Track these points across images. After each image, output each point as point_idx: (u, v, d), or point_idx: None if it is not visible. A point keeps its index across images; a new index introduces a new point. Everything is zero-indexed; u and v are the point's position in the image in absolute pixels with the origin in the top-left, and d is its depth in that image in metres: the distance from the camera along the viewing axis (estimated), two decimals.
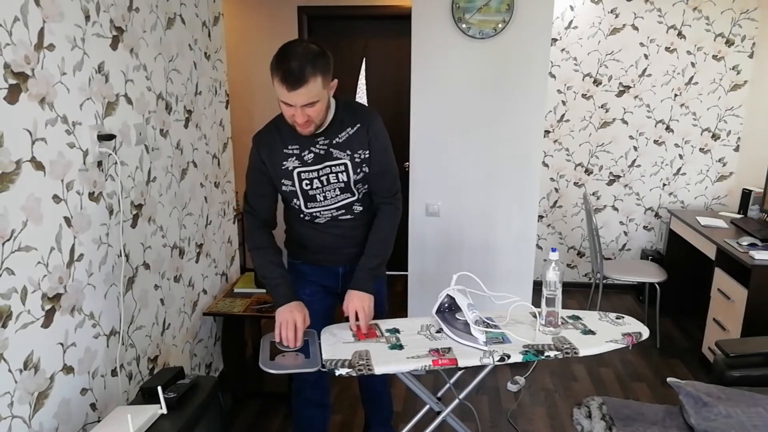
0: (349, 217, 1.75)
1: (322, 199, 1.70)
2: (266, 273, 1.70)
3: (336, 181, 1.68)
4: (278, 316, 1.64)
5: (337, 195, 1.70)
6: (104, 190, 1.72)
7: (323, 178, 1.67)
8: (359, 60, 3.93)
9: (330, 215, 1.73)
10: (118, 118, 1.79)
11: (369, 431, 2.17)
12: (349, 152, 1.66)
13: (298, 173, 1.66)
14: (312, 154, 1.65)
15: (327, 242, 1.79)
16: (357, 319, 1.67)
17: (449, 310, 1.66)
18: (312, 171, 1.66)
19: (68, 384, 1.57)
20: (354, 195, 1.73)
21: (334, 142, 1.65)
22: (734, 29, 3.59)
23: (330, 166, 1.66)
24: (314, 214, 1.73)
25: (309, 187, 1.68)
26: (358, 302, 1.66)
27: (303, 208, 1.72)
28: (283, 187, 1.70)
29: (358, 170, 1.69)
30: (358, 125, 1.67)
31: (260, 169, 1.70)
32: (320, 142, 1.65)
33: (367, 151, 1.68)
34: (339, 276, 1.86)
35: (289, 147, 1.66)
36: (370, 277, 1.70)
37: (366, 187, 1.75)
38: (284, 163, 1.66)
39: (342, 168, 1.67)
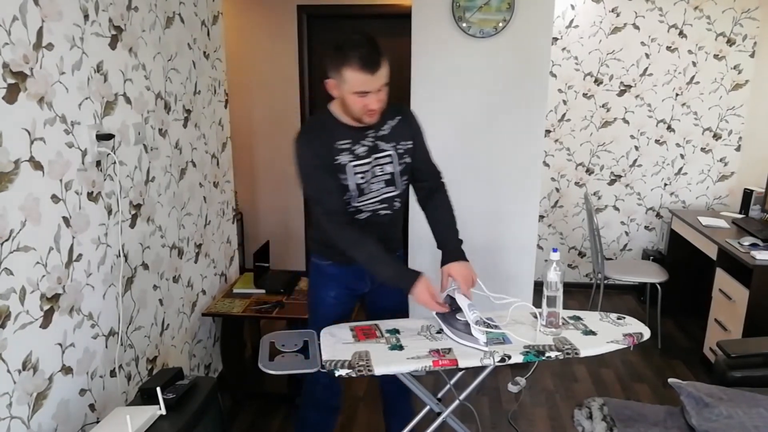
0: (388, 212, 1.77)
1: (368, 192, 1.72)
2: (383, 258, 1.63)
3: (382, 173, 1.71)
4: (419, 299, 1.61)
5: (381, 188, 1.72)
6: (103, 190, 1.72)
7: (374, 169, 1.70)
8: None
9: (372, 209, 1.74)
10: (116, 117, 1.79)
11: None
12: (393, 143, 1.71)
13: (353, 167, 1.66)
14: (364, 147, 1.67)
15: None
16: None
17: (450, 311, 1.65)
18: (364, 164, 1.67)
19: (67, 384, 1.57)
20: (396, 189, 1.75)
21: (379, 134, 1.69)
22: (735, 28, 3.58)
23: (378, 158, 1.69)
24: (360, 208, 1.72)
25: (363, 180, 1.69)
26: (464, 270, 1.69)
27: (352, 202, 1.70)
28: (339, 182, 1.68)
29: (401, 161, 1.73)
30: (399, 117, 1.73)
31: (320, 166, 1.63)
32: (369, 135, 1.68)
33: (410, 142, 1.74)
34: (367, 275, 1.84)
35: (340, 142, 1.64)
36: (459, 245, 1.76)
37: (406, 179, 1.78)
38: (337, 157, 1.65)
39: (388, 159, 1.71)
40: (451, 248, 1.75)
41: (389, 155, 1.70)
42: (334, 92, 1.60)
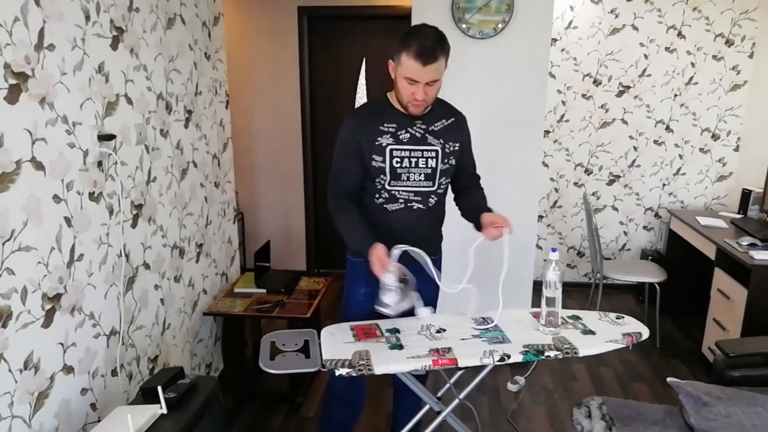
0: (421, 206, 1.80)
1: (405, 179, 1.76)
2: (354, 226, 1.71)
3: (424, 166, 1.75)
4: (373, 253, 1.63)
5: (420, 180, 1.77)
6: (104, 190, 1.72)
7: (413, 160, 1.74)
8: (359, 60, 3.93)
9: (406, 198, 1.78)
10: (118, 118, 1.79)
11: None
12: (441, 141, 1.76)
13: (391, 150, 1.72)
14: (408, 135, 1.73)
15: (392, 234, 1.78)
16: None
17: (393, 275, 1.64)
18: (405, 150, 1.73)
19: (68, 384, 1.57)
20: (434, 185, 1.79)
21: (430, 128, 1.75)
22: (734, 29, 3.59)
23: (423, 151, 1.74)
24: (392, 193, 1.77)
25: (399, 165, 1.74)
26: (499, 217, 1.74)
27: (386, 185, 1.76)
28: (373, 163, 1.73)
29: (446, 160, 1.78)
30: (453, 119, 1.81)
31: (352, 145, 1.73)
32: (418, 125, 1.74)
33: (458, 144, 1.80)
34: None
35: (386, 125, 1.72)
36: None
37: (445, 181, 1.82)
38: (379, 139, 1.72)
39: (433, 154, 1.75)
40: (485, 208, 1.81)
41: (435, 150, 1.75)
42: (392, 73, 1.69)
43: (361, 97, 3.98)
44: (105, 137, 1.69)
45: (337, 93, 4.00)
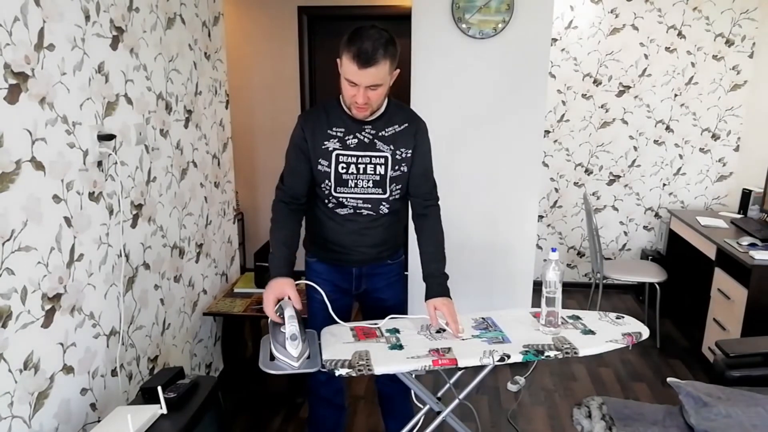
0: (371, 213, 1.75)
1: (353, 185, 1.71)
2: (273, 249, 1.70)
3: (372, 173, 1.70)
4: (268, 288, 1.59)
5: (368, 187, 1.71)
6: (104, 190, 1.72)
7: (360, 166, 1.69)
8: None
9: (354, 205, 1.73)
10: (118, 118, 1.79)
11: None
12: (392, 147, 1.70)
13: (337, 155, 1.68)
14: (356, 140, 1.68)
15: (343, 239, 1.78)
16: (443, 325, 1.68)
17: (275, 323, 1.57)
18: (351, 156, 1.68)
19: (68, 384, 1.57)
20: (385, 193, 1.73)
21: (380, 134, 1.69)
22: (734, 29, 3.59)
23: (371, 157, 1.69)
24: (340, 200, 1.73)
25: (344, 171, 1.69)
26: (445, 308, 1.66)
27: (332, 191, 1.72)
28: (319, 167, 1.70)
29: (396, 167, 1.71)
30: (406, 124, 1.72)
31: (300, 146, 1.71)
32: (367, 130, 1.68)
33: (410, 151, 1.72)
34: (353, 277, 1.85)
35: (334, 129, 1.68)
36: (444, 281, 1.73)
37: (399, 188, 1.75)
38: (326, 143, 1.68)
39: (382, 161, 1.69)
40: (434, 281, 1.73)
41: (385, 157, 1.69)
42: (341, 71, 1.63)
43: None
44: (105, 137, 1.69)
45: (336, 93, 3.99)
